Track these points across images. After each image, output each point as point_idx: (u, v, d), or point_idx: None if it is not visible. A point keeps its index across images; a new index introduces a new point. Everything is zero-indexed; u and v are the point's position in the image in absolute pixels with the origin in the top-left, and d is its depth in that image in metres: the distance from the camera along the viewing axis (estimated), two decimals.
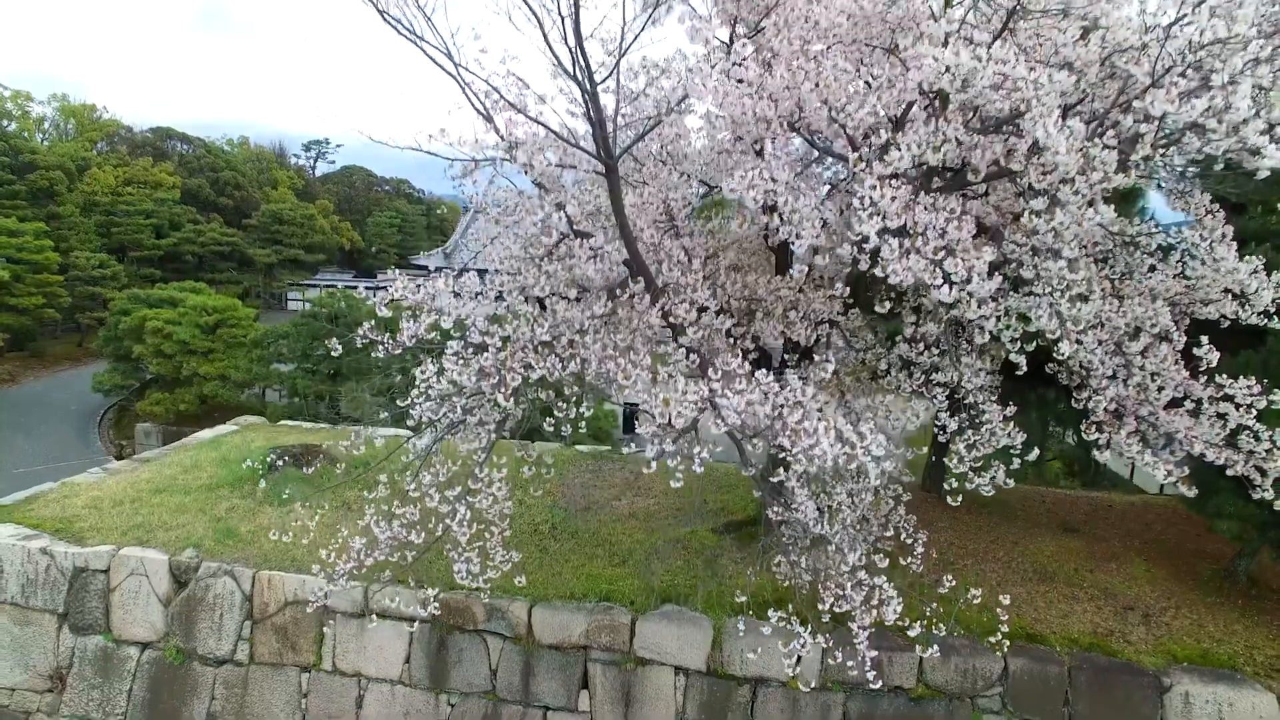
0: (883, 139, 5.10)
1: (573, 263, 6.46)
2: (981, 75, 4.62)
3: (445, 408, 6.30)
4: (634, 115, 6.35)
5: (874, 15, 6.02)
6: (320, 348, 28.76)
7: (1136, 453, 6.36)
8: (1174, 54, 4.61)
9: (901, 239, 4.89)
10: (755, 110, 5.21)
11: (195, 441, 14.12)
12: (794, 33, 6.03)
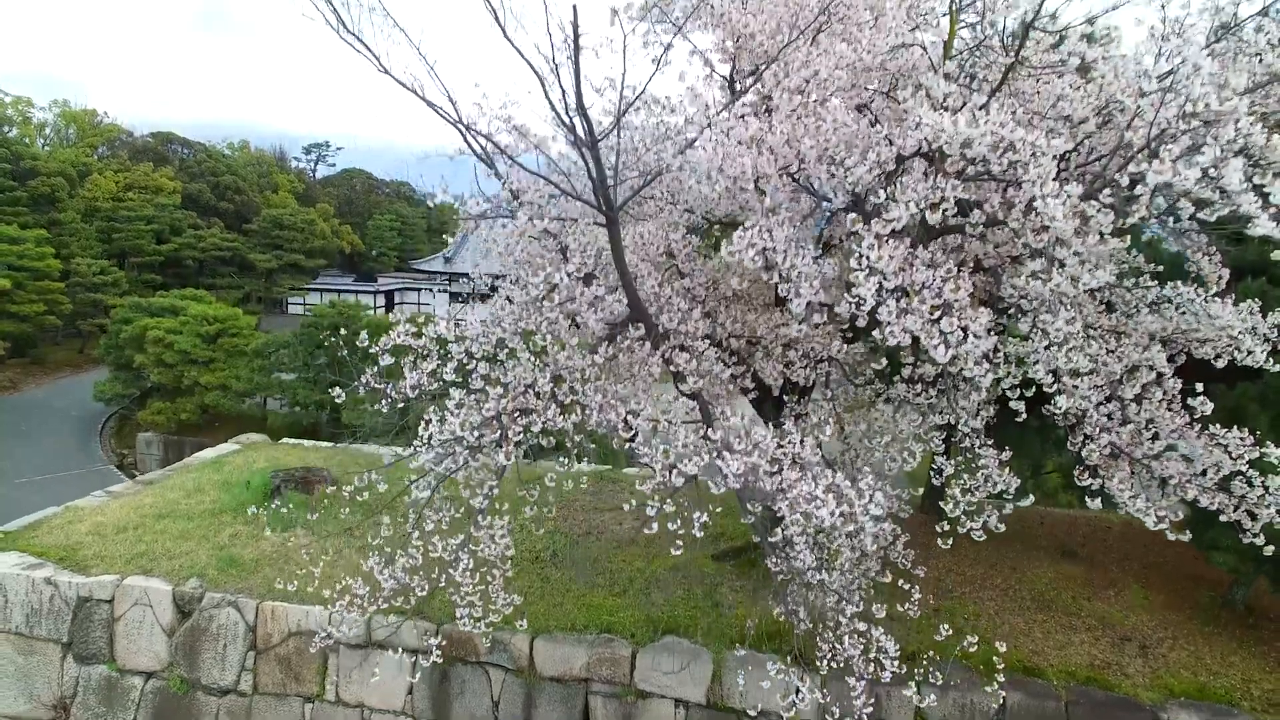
0: (881, 197, 5.16)
1: (573, 307, 6.52)
2: (979, 142, 4.68)
3: (448, 458, 6.36)
4: (635, 160, 6.40)
5: (874, 66, 6.08)
6: (321, 357, 28.89)
7: (1130, 498, 6.42)
8: (1169, 119, 4.67)
9: (899, 298, 4.95)
10: (756, 165, 5.26)
11: (198, 462, 14.18)
12: (794, 81, 6.09)
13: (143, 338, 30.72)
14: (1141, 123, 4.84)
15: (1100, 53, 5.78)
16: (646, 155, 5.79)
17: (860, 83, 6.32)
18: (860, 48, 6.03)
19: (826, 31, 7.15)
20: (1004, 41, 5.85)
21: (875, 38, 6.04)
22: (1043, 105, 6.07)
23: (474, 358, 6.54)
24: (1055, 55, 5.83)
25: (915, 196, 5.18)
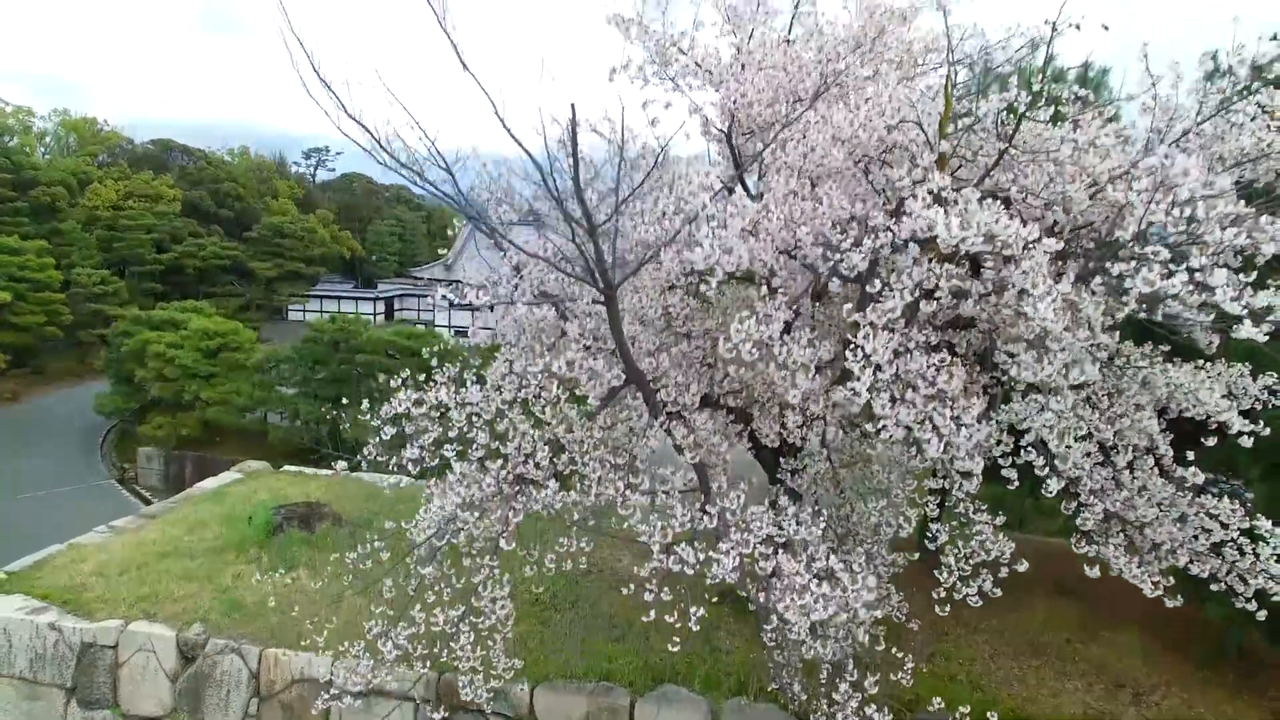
0: (876, 287, 5.25)
1: (573, 374, 6.60)
2: (971, 241, 4.77)
3: (449, 533, 6.45)
4: (631, 235, 6.49)
5: (871, 145, 6.18)
6: (322, 372, 28.98)
7: (1124, 564, 6.51)
8: (1157, 220, 4.76)
9: (893, 389, 5.04)
10: (752, 252, 5.35)
11: (199, 492, 14.27)
12: (791, 157, 6.19)
13: (143, 351, 30.80)
14: (1131, 218, 4.93)
15: (1093, 134, 5.87)
16: (645, 231, 5.88)
17: (857, 153, 6.41)
18: (857, 120, 6.12)
19: (824, 96, 7.26)
20: (997, 124, 5.94)
21: (873, 113, 6.12)
22: (1036, 182, 6.17)
23: (475, 425, 6.62)
24: (1048, 136, 5.92)
25: (910, 284, 5.27)
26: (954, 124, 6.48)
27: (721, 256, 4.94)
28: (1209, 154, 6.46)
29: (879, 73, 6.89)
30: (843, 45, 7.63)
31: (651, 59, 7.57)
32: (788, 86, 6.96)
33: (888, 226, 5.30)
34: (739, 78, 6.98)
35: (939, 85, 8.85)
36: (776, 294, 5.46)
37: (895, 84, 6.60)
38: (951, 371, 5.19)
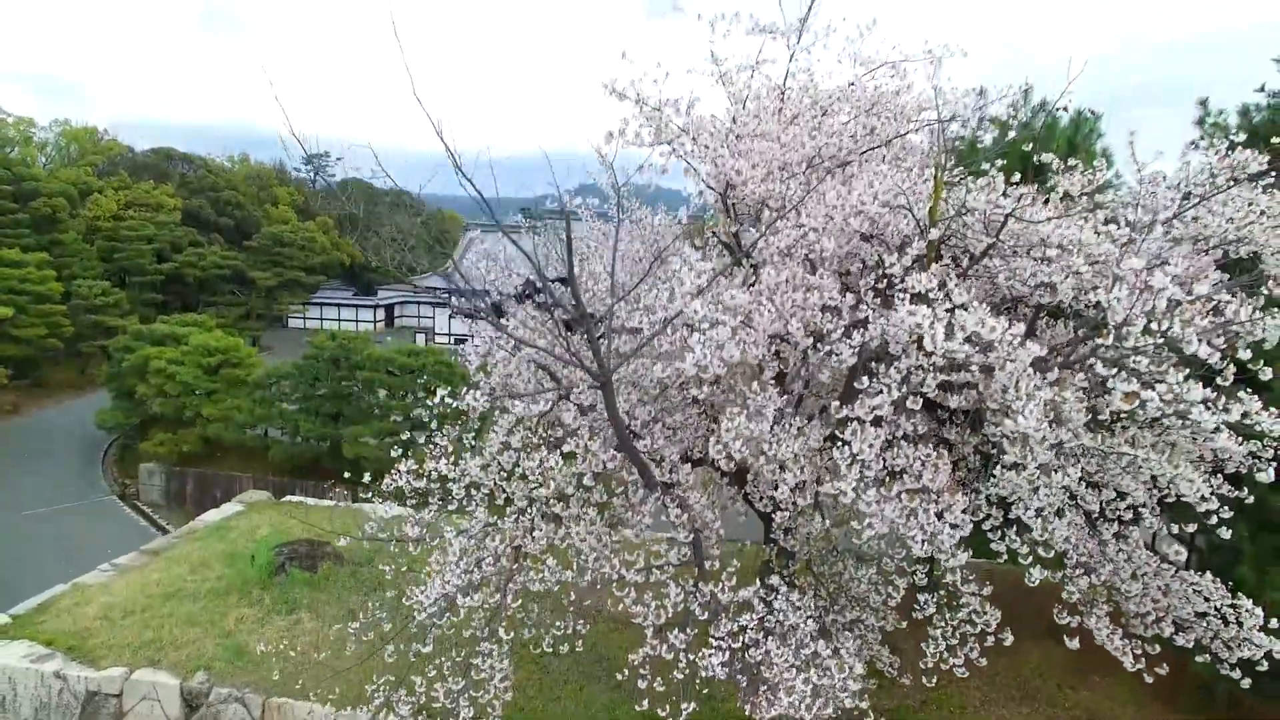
0: (864, 384, 5.39)
1: (570, 446, 6.74)
2: (957, 349, 4.91)
3: (446, 617, 6.58)
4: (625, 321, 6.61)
5: (863, 229, 6.31)
6: (322, 388, 29.11)
7: (1107, 636, 6.66)
8: (1136, 331, 4.90)
9: (880, 487, 5.18)
10: (743, 350, 5.49)
11: (202, 526, 14.41)
12: (783, 241, 6.33)
13: (145, 367, 30.93)
14: (1113, 320, 5.07)
15: (1076, 235, 5.99)
16: (639, 319, 6.02)
17: (850, 229, 6.54)
18: (849, 203, 6.25)
19: (816, 170, 7.40)
20: (984, 219, 6.07)
21: (865, 195, 6.26)
22: (1024, 267, 6.31)
23: (474, 499, 6.76)
24: (1035, 229, 6.05)
25: (897, 378, 5.41)
26: (945, 195, 6.63)
27: (713, 359, 5.08)
28: (1191, 235, 6.61)
29: (868, 157, 7.03)
30: (837, 105, 7.83)
31: (647, 122, 7.73)
32: (780, 161, 7.11)
33: (877, 321, 5.44)
34: (734, 149, 7.14)
35: (930, 143, 9.06)
36: (767, 386, 5.60)
37: (886, 165, 6.74)
38: (937, 465, 5.33)
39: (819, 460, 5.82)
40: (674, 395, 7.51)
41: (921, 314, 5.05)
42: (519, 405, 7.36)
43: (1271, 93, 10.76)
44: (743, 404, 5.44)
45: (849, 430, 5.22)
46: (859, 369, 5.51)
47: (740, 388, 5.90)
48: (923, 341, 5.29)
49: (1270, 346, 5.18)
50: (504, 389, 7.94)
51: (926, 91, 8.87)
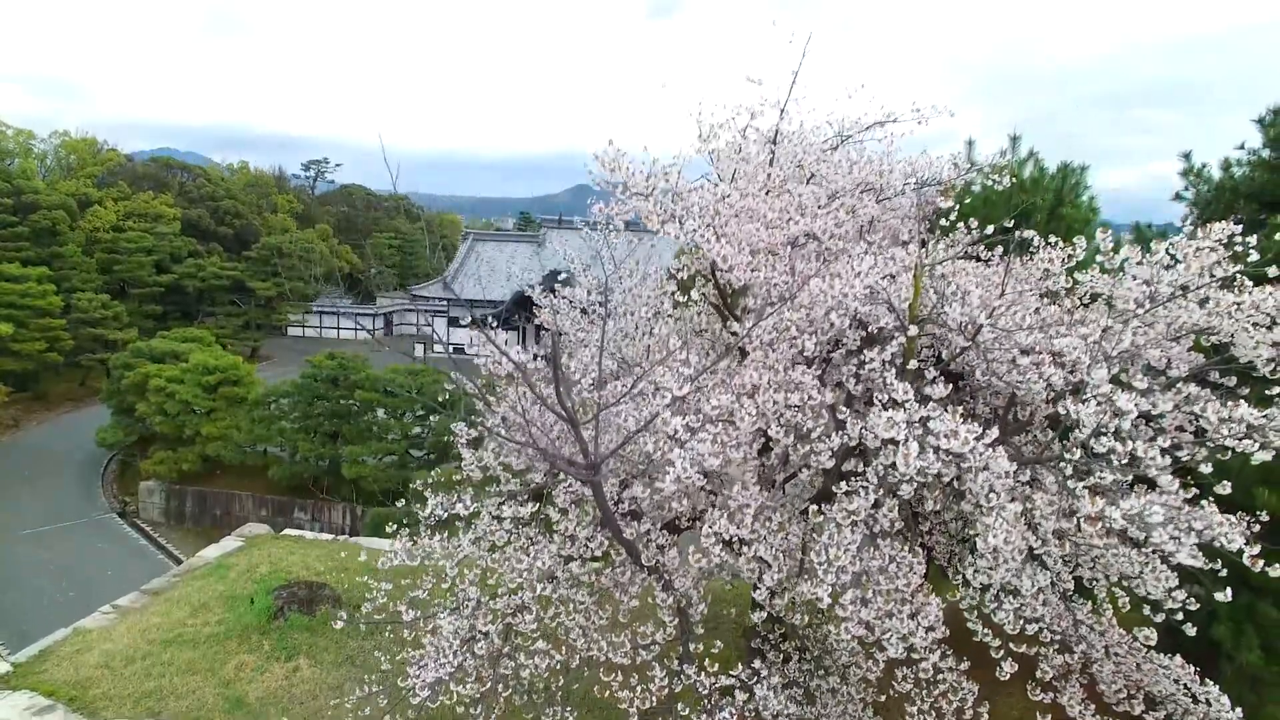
0: (843, 488, 5.58)
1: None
2: (931, 463, 5.10)
3: (440, 696, 6.77)
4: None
5: (843, 327, 6.50)
6: (320, 406, 29.30)
7: (1079, 712, 6.86)
8: (1104, 441, 5.09)
9: (856, 588, 5.38)
10: (725, 455, 5.68)
11: (201, 564, 14.58)
12: (766, 335, 6.51)
13: (144, 385, 31.12)
14: (1081, 430, 5.27)
15: (1051, 346, 6.16)
16: (625, 418, 6.21)
17: (829, 327, 6.71)
18: (831, 295, 6.44)
19: (799, 251, 7.59)
20: (961, 326, 6.26)
21: (847, 286, 6.43)
22: (1000, 360, 6.50)
23: (466, 578, 6.94)
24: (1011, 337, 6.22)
25: (874, 481, 5.61)
26: (927, 271, 6.82)
27: (694, 476, 5.26)
28: (1165, 324, 6.80)
29: (851, 241, 7.22)
30: (823, 170, 8.05)
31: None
32: (766, 244, 7.31)
33: (854, 426, 5.63)
34: (718, 229, 7.33)
35: (915, 204, 9.25)
36: (750, 486, 5.79)
37: (869, 255, 6.93)
38: (912, 565, 5.52)
39: (798, 556, 6.02)
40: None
41: (896, 428, 5.23)
42: (512, 482, 7.55)
43: (1250, 150, 10.97)
44: (723, 504, 5.64)
45: (825, 534, 5.41)
46: (836, 471, 5.70)
47: (723, 493, 6.10)
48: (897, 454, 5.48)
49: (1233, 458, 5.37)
50: (497, 457, 8.12)
51: (912, 156, 9.15)
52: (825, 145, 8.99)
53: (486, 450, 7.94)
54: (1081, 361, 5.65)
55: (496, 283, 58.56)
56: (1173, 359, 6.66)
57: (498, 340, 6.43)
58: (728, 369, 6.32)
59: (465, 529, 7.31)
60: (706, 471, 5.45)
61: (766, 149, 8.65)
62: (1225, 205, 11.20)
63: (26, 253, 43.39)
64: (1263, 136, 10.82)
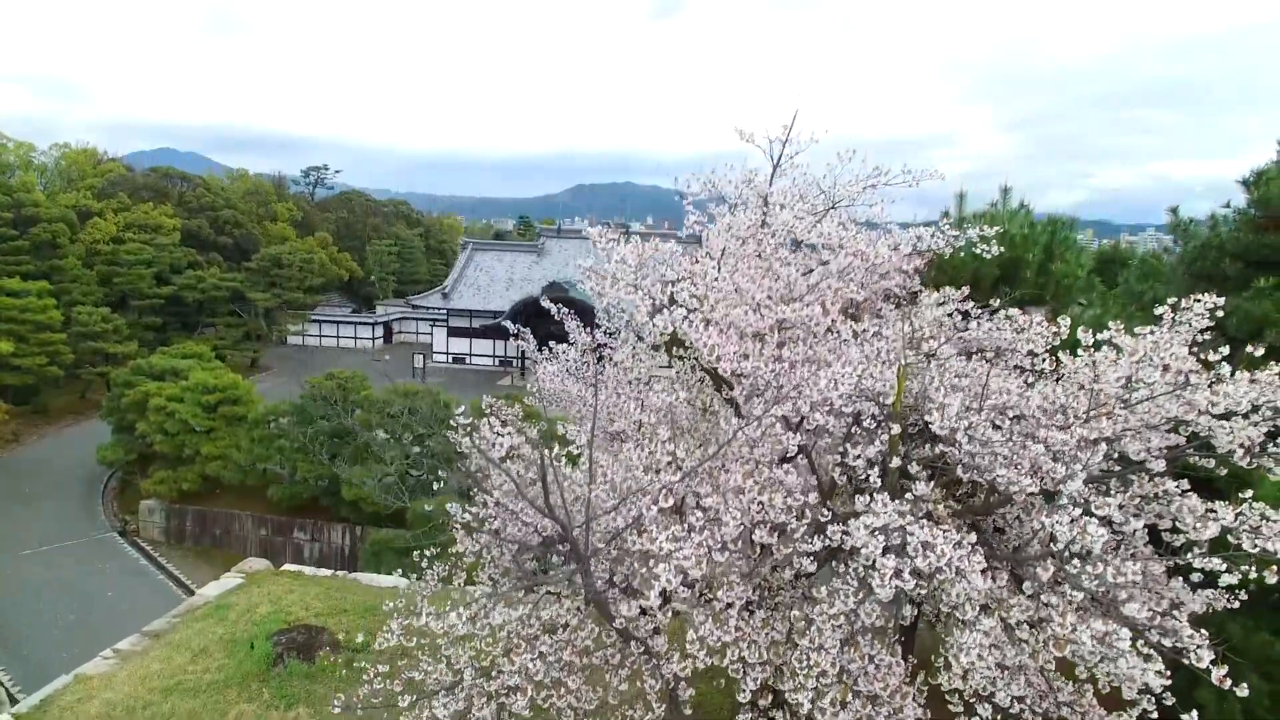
0: (824, 591, 5.74)
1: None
2: (907, 581, 5.26)
3: None
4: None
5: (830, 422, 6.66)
6: (319, 428, 29.46)
7: None
8: (1070, 555, 5.26)
9: (835, 690, 5.54)
10: (710, 557, 5.84)
11: (202, 604, 14.73)
12: (755, 432, 6.66)
13: (144, 403, 31.29)
14: (1056, 543, 5.43)
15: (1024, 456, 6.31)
16: (614, 521, 6.38)
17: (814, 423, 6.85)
18: (818, 390, 6.59)
19: (790, 334, 7.75)
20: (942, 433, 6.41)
21: (837, 380, 6.58)
22: (980, 453, 6.65)
23: (462, 659, 7.10)
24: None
25: (854, 584, 5.77)
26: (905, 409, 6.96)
27: (678, 585, 5.42)
28: (1142, 418, 6.96)
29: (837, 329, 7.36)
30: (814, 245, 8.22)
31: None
32: (755, 325, 7.46)
33: (836, 531, 5.79)
34: (708, 316, 7.49)
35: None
36: (734, 586, 5.95)
37: (854, 346, 7.09)
38: (892, 665, 5.68)
39: (780, 653, 6.18)
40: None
41: (874, 540, 5.39)
42: (506, 554, 7.70)
43: (1236, 209, 11.13)
44: (708, 606, 5.79)
45: (806, 638, 5.57)
46: (817, 574, 5.85)
47: (707, 594, 6.26)
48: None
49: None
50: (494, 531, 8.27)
51: (899, 226, 9.30)
52: (816, 208, 9.16)
53: (481, 536, 8.08)
54: (1057, 471, 5.80)
55: (496, 292, 58.73)
56: (1151, 449, 6.82)
57: (490, 433, 6.58)
58: (711, 467, 6.47)
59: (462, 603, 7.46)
60: (691, 583, 5.61)
61: (758, 208, 8.83)
62: (1212, 262, 11.37)
63: (27, 266, 43.59)
64: (1247, 196, 10.98)
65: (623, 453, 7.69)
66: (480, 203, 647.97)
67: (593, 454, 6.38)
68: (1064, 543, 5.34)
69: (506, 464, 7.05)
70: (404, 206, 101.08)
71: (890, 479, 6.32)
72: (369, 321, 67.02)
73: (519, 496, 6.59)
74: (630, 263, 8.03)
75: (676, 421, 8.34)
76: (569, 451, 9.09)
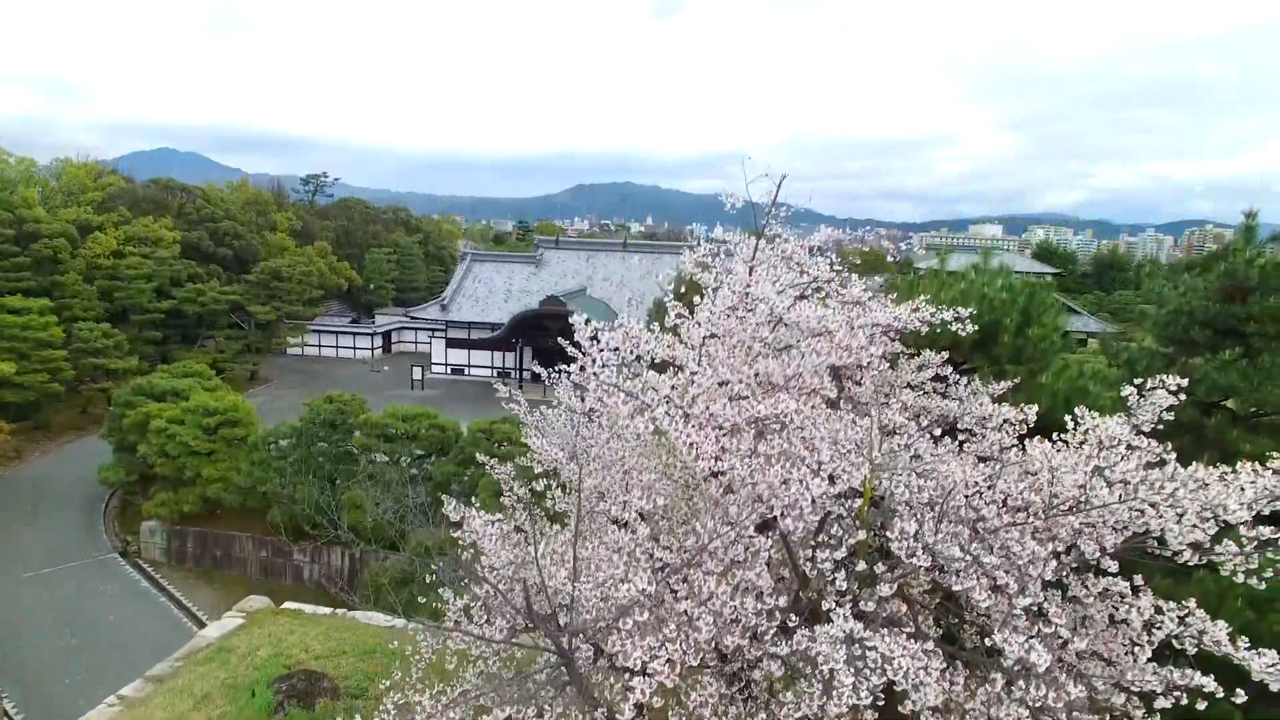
0: (789, 697, 6.12)
1: None
2: (865, 698, 5.64)
3: None
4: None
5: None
6: (318, 451, 29.86)
7: None
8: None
9: None
10: (685, 662, 6.22)
11: (204, 644, 15.09)
12: (714, 572, 7.03)
13: (146, 425, 31.66)
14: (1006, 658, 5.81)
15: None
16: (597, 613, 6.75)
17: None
18: (786, 496, 6.95)
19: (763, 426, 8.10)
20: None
21: (809, 483, 6.92)
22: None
23: None
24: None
25: (819, 689, 6.15)
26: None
27: (652, 697, 5.78)
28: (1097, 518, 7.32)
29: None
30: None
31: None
32: (734, 418, 7.84)
33: (803, 639, 6.17)
34: (688, 410, 7.85)
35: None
36: (706, 686, 6.33)
37: (826, 447, 7.45)
38: None
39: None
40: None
41: (835, 651, 5.77)
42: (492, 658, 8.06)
43: (1207, 280, 11.52)
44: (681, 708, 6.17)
45: None
46: (784, 679, 6.23)
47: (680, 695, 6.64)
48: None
49: None
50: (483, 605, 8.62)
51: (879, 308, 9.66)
52: (794, 293, 9.53)
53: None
54: (1010, 587, 6.18)
55: (495, 303, 59.09)
56: (1104, 548, 7.20)
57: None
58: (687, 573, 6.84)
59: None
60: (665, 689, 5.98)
61: (742, 280, 9.17)
62: (1182, 328, 11.75)
63: (28, 283, 43.92)
64: (1215, 268, 11.35)
65: (610, 534, 8.08)
66: (480, 203, 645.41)
67: (576, 552, 6.74)
68: (1012, 659, 5.71)
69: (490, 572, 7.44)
70: (403, 213, 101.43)
71: (855, 582, 6.69)
72: (368, 332, 67.35)
73: (502, 598, 6.97)
74: (618, 348, 8.42)
75: (658, 500, 8.69)
76: (555, 510, 9.54)
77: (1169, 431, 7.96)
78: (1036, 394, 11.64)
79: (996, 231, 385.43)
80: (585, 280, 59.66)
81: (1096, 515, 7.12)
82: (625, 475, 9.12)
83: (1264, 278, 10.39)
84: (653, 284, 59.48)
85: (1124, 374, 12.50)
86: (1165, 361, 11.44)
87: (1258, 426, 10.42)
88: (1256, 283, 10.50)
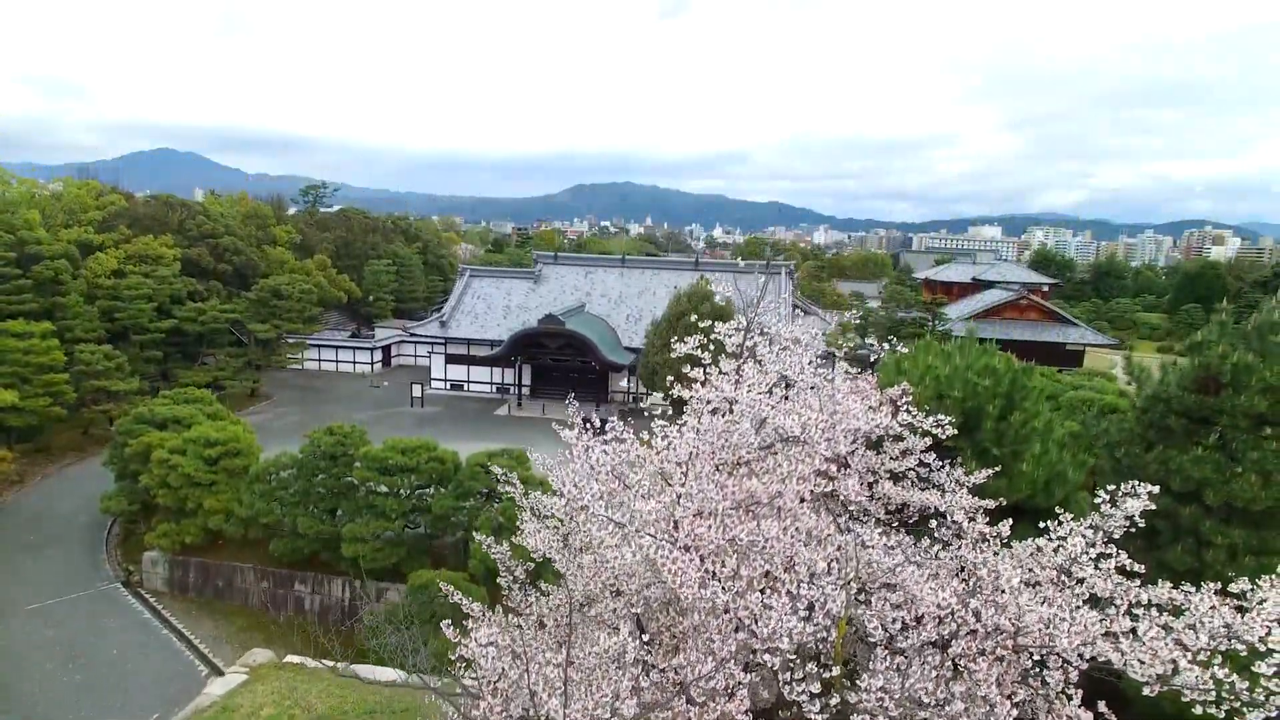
0: None
1: None
2: None
3: None
4: None
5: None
6: (319, 483, 30.16)
7: None
8: None
9: None
10: None
11: (209, 704, 15.45)
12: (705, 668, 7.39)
13: (147, 454, 31.95)
14: None
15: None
16: None
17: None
18: (771, 624, 7.30)
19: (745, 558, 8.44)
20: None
21: (786, 617, 7.27)
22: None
23: None
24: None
25: None
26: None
27: None
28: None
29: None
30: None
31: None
32: (716, 540, 8.18)
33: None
34: (672, 535, 8.21)
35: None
36: None
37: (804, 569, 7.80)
38: None
39: None
40: None
41: None
42: None
43: (1182, 371, 11.88)
44: None
45: None
46: None
47: None
48: None
49: None
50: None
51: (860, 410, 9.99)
52: (778, 395, 9.90)
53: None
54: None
55: (494, 320, 59.36)
56: (1070, 678, 7.54)
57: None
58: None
59: None
60: None
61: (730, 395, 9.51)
62: (1160, 414, 12.09)
63: (30, 305, 44.21)
64: (1188, 361, 11.69)
65: (600, 640, 8.41)
66: (480, 202, 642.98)
67: (567, 674, 7.07)
68: None
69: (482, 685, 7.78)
70: (402, 221, 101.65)
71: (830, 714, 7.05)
72: (368, 346, 67.65)
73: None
74: (605, 467, 8.77)
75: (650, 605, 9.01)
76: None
77: (1147, 517, 8.30)
78: (1018, 481, 12.01)
79: (996, 232, 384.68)
80: (584, 296, 59.97)
81: (1061, 648, 7.48)
82: (614, 579, 9.48)
83: (1235, 374, 10.71)
84: (650, 300, 59.82)
85: (1104, 458, 12.85)
86: (1144, 446, 11.76)
87: (1229, 519, 10.75)
88: (1229, 379, 10.82)
